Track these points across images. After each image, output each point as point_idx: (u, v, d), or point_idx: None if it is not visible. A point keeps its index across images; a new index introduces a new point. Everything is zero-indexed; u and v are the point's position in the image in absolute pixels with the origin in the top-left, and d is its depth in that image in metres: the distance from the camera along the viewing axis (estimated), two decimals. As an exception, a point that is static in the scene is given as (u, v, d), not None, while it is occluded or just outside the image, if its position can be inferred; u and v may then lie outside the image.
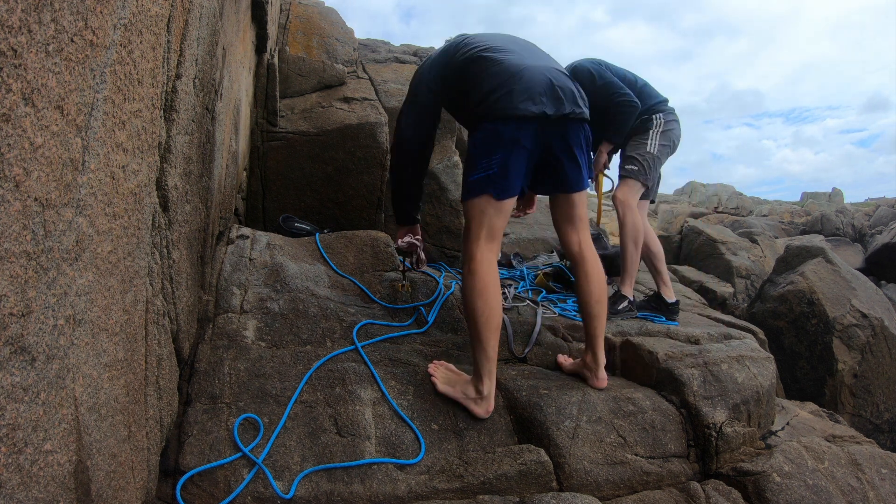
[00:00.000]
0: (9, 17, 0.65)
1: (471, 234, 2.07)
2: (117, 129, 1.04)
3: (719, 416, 2.19)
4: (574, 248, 2.26)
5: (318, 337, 2.28)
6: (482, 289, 1.99)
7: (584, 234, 2.28)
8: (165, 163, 1.45)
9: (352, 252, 2.96)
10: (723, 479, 2.05)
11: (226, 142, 2.51)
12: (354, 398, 1.97)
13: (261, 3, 3.15)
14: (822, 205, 27.57)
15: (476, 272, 2.01)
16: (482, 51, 2.20)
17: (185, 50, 1.55)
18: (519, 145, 2.02)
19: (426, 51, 6.24)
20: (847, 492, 2.01)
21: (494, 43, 2.24)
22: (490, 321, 1.99)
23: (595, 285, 2.24)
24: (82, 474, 0.96)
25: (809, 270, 5.20)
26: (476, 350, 2.02)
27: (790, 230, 18.57)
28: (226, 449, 1.70)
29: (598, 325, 2.24)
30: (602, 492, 1.90)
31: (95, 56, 0.91)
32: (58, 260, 0.84)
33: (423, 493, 1.73)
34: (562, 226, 2.31)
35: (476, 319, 1.99)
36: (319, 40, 4.50)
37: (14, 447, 0.74)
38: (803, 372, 4.90)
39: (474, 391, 2.02)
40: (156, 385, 1.48)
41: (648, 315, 3.14)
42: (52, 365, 0.84)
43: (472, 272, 2.02)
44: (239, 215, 3.45)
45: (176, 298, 1.66)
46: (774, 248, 10.00)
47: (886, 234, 11.85)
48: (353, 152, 3.78)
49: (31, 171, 0.73)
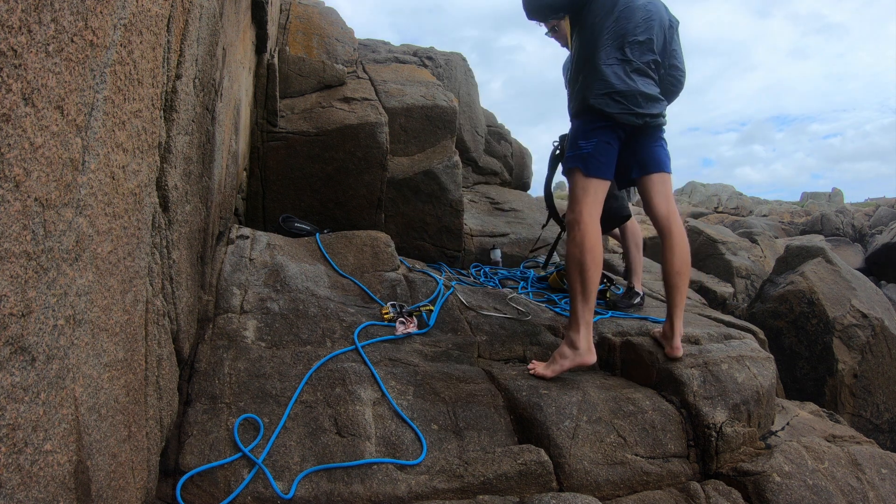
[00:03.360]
0: (9, 17, 0.65)
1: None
2: (117, 129, 1.04)
3: (719, 417, 2.19)
4: (663, 222, 2.42)
5: (318, 337, 2.28)
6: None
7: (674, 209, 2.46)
8: (165, 163, 1.45)
9: (352, 252, 2.96)
10: (723, 480, 2.05)
11: (226, 142, 2.51)
12: (354, 398, 1.97)
13: (261, 3, 3.15)
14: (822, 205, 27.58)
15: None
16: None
17: (185, 50, 1.55)
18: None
19: (426, 51, 6.24)
20: (847, 492, 2.01)
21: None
22: (596, 274, 2.25)
23: (677, 258, 2.36)
24: (82, 474, 0.96)
25: (809, 270, 5.20)
26: (578, 302, 2.24)
27: (790, 230, 18.57)
28: (226, 449, 1.70)
29: (676, 295, 2.36)
30: (602, 492, 1.90)
31: (95, 56, 0.91)
32: (58, 260, 0.84)
33: (422, 493, 1.73)
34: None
35: (585, 272, 2.22)
36: (319, 40, 4.50)
37: (14, 447, 0.74)
38: (803, 372, 4.90)
39: (570, 350, 2.24)
40: (156, 385, 1.48)
41: (649, 317, 3.14)
42: (52, 365, 0.84)
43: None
44: (239, 215, 3.45)
45: (176, 298, 1.66)
46: (774, 248, 10.00)
47: (886, 234, 11.86)
48: (353, 152, 3.78)
49: (31, 171, 0.73)
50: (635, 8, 2.36)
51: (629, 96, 2.30)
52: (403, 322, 2.49)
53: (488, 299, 2.96)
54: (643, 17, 2.37)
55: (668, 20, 2.51)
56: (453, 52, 6.42)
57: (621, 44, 2.33)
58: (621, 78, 2.30)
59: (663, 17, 2.47)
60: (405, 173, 4.13)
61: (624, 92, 2.29)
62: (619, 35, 2.33)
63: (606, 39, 2.32)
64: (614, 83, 2.28)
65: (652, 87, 2.39)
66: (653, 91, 2.38)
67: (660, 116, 2.43)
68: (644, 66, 2.36)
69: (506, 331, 2.66)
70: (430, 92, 4.49)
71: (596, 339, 2.76)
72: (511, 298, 3.03)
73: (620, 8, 2.34)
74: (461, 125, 5.69)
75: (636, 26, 2.35)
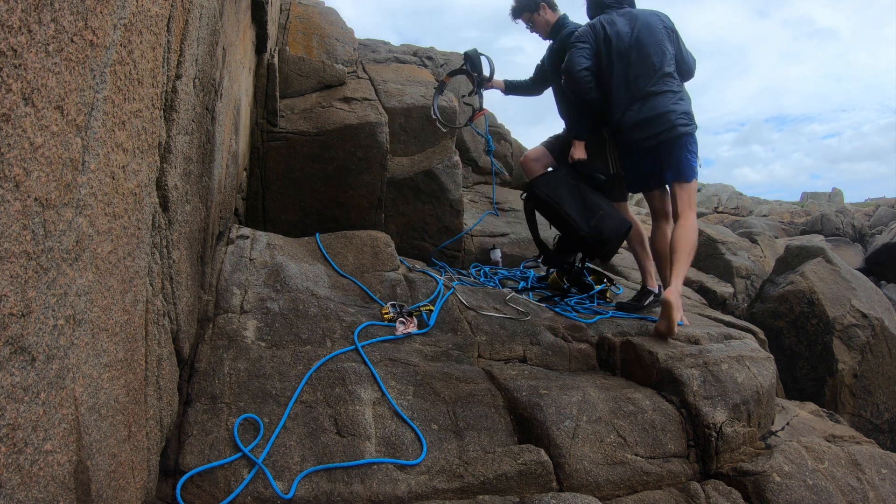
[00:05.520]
0: (9, 17, 0.65)
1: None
2: (117, 129, 1.04)
3: (719, 416, 2.19)
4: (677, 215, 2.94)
5: (318, 337, 2.28)
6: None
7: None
8: (165, 163, 1.45)
9: (352, 252, 2.96)
10: (723, 480, 2.05)
11: (226, 142, 2.50)
12: (354, 398, 1.97)
13: (261, 3, 3.15)
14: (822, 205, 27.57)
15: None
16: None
17: (185, 50, 1.55)
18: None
19: (426, 51, 6.24)
20: (847, 492, 2.01)
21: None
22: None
23: (678, 236, 2.83)
24: (82, 474, 0.96)
25: (809, 270, 5.20)
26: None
27: (790, 230, 18.55)
28: (226, 449, 1.70)
29: (676, 267, 2.79)
30: (602, 492, 1.90)
31: (95, 56, 0.91)
32: (58, 260, 0.84)
33: (422, 493, 1.73)
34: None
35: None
36: (319, 40, 4.50)
37: (14, 447, 0.74)
38: (803, 372, 4.90)
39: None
40: (156, 385, 1.48)
41: (649, 317, 3.14)
42: (52, 365, 0.83)
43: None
44: (239, 215, 3.45)
45: (176, 298, 1.66)
46: (774, 248, 9.99)
47: (886, 234, 11.86)
48: (353, 152, 3.78)
49: (31, 171, 0.73)
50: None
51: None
52: (403, 322, 2.49)
53: (488, 299, 2.96)
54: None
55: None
56: (453, 53, 6.42)
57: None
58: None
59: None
60: (405, 173, 4.13)
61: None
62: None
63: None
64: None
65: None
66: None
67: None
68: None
69: (506, 331, 2.66)
70: (430, 92, 4.49)
71: (596, 338, 2.76)
72: (511, 298, 3.03)
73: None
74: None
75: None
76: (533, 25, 3.43)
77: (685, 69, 3.02)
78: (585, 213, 3.02)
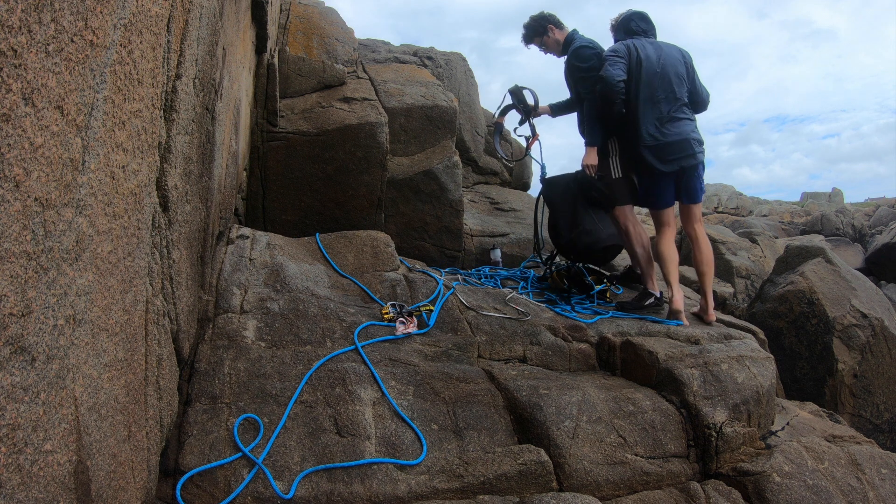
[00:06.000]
0: (9, 17, 0.65)
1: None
2: (117, 129, 1.04)
3: (719, 417, 2.19)
4: (690, 232, 3.28)
5: (318, 337, 2.28)
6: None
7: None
8: (165, 163, 1.45)
9: (352, 252, 2.96)
10: (723, 480, 2.05)
11: (226, 142, 2.51)
12: (354, 398, 1.97)
13: (261, 3, 3.15)
14: (822, 205, 27.56)
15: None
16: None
17: (185, 50, 1.55)
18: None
19: (426, 51, 6.24)
20: (847, 492, 2.01)
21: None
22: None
23: (702, 255, 3.23)
24: (82, 474, 0.96)
25: (809, 270, 5.20)
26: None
27: (790, 230, 18.56)
28: (226, 449, 1.70)
29: (705, 280, 3.26)
30: (602, 492, 1.90)
31: (95, 56, 0.91)
32: (58, 260, 0.84)
33: (422, 492, 1.73)
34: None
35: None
36: (319, 40, 4.50)
37: (14, 447, 0.74)
38: (803, 372, 4.90)
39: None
40: (156, 385, 1.48)
41: (649, 318, 3.14)
42: (52, 365, 0.83)
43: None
44: (239, 215, 3.45)
45: (176, 298, 1.66)
46: (774, 248, 9.99)
47: (886, 234, 11.86)
48: (353, 152, 3.78)
49: (31, 171, 0.73)
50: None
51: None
52: (403, 322, 2.49)
53: (488, 299, 2.96)
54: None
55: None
56: (453, 52, 6.41)
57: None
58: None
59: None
60: (405, 173, 4.13)
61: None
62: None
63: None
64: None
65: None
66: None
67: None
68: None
69: (506, 331, 2.66)
70: (430, 92, 4.49)
71: (596, 338, 2.76)
72: (511, 298, 3.03)
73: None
74: (461, 125, 5.68)
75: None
76: (546, 48, 3.52)
77: (699, 101, 3.25)
78: (571, 223, 3.37)
